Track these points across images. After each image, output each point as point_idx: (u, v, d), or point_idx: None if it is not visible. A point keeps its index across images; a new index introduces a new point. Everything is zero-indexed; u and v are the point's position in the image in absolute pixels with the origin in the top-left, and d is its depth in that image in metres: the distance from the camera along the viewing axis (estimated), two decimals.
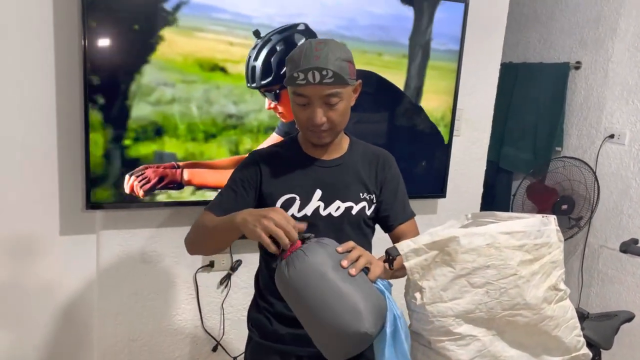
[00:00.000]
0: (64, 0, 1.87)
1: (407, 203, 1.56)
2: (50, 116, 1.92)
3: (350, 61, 1.34)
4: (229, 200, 1.41)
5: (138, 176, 1.99)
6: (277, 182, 1.42)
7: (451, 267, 1.21)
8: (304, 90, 1.30)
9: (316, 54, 1.27)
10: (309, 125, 1.35)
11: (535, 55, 3.50)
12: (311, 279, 1.12)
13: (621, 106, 2.97)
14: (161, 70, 1.96)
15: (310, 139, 1.41)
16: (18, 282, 1.99)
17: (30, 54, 1.86)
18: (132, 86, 1.93)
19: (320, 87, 1.28)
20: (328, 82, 1.27)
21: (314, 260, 1.13)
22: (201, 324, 2.31)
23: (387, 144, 2.41)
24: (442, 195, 2.62)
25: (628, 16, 2.93)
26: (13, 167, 1.91)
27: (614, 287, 3.02)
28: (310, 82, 1.27)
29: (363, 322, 1.09)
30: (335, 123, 1.35)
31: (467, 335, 1.22)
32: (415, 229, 1.54)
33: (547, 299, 1.25)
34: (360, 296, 1.12)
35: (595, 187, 3.01)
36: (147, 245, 2.16)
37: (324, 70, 1.25)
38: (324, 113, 1.33)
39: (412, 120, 2.45)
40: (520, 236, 1.23)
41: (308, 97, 1.31)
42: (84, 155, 1.93)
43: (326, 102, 1.32)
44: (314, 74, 1.25)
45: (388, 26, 2.28)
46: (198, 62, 2.01)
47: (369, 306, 1.12)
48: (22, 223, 1.96)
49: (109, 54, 1.89)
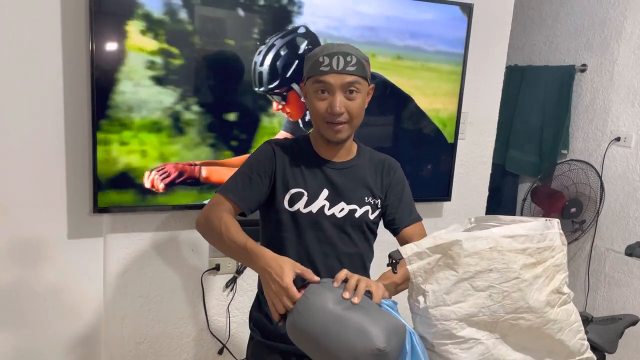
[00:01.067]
0: (71, 5, 1.89)
1: (414, 207, 1.58)
2: (57, 120, 1.94)
3: (367, 61, 1.40)
4: (245, 188, 1.41)
5: (159, 170, 2.03)
6: (289, 174, 1.44)
7: (454, 270, 1.22)
8: (327, 77, 1.33)
9: (339, 46, 1.35)
10: (328, 116, 1.36)
11: (541, 58, 3.50)
12: (315, 317, 1.12)
13: (627, 109, 2.97)
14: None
15: (326, 133, 1.40)
16: (26, 285, 2.01)
17: (38, 58, 1.88)
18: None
19: (343, 75, 1.33)
20: (351, 70, 1.32)
21: (315, 300, 1.13)
22: (207, 327, 2.32)
23: (392, 147, 2.42)
24: (447, 199, 2.62)
25: (634, 19, 2.92)
26: (21, 172, 1.93)
27: (621, 291, 3.01)
28: (334, 69, 1.32)
29: (372, 339, 1.08)
30: (352, 115, 1.37)
31: (470, 339, 1.23)
32: (423, 232, 1.55)
33: (550, 303, 1.25)
34: (365, 318, 1.11)
35: (600, 190, 3.00)
36: (153, 249, 2.17)
37: (348, 56, 1.31)
38: (344, 103, 1.35)
39: (417, 123, 2.46)
40: (523, 240, 1.23)
41: (330, 85, 1.34)
42: (91, 159, 1.94)
43: (347, 91, 1.35)
44: (339, 59, 1.31)
45: (377, 27, 2.30)
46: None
47: (376, 324, 1.11)
48: (30, 227, 1.98)
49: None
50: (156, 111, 1.99)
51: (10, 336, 2.02)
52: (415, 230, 1.53)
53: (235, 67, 2.10)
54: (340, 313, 1.11)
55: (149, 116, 1.99)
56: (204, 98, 2.07)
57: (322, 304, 1.12)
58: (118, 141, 1.96)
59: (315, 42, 2.16)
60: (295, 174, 1.44)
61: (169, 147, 2.04)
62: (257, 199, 1.42)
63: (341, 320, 1.11)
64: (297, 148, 1.48)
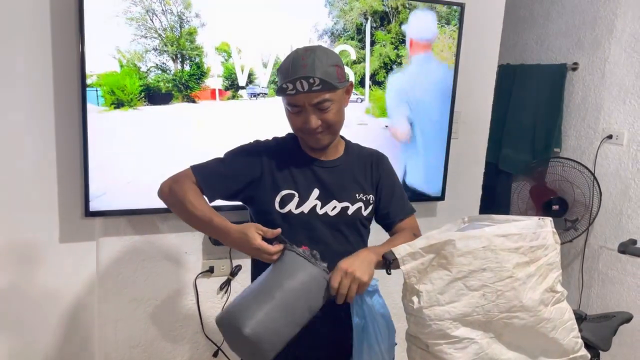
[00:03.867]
0: (60, 8, 1.88)
1: (406, 199, 1.58)
2: (49, 124, 1.93)
3: (338, 65, 1.37)
4: (215, 177, 1.43)
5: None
6: (278, 176, 1.44)
7: (448, 270, 1.22)
8: (295, 99, 1.33)
9: (303, 62, 1.32)
10: (305, 131, 1.39)
11: (533, 57, 3.51)
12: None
13: (619, 107, 2.98)
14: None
15: (308, 143, 1.44)
16: (18, 289, 1.99)
17: (28, 61, 1.87)
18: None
19: (310, 95, 1.32)
20: (317, 90, 1.31)
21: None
22: (202, 330, 2.31)
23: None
24: (441, 198, 2.62)
25: (624, 17, 2.93)
26: (12, 175, 1.91)
27: (615, 288, 3.02)
28: (300, 90, 1.30)
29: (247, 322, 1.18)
30: (330, 124, 1.38)
31: (465, 338, 1.23)
32: (416, 225, 1.56)
33: (543, 301, 1.25)
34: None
35: (594, 189, 3.01)
36: (146, 252, 2.16)
37: (310, 78, 1.29)
38: (318, 117, 1.36)
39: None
40: (515, 239, 1.24)
41: (300, 106, 1.34)
42: (83, 163, 1.93)
43: (318, 108, 1.35)
44: (302, 83, 1.29)
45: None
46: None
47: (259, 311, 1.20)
48: (22, 231, 1.97)
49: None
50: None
51: (3, 340, 2.00)
52: (408, 224, 1.55)
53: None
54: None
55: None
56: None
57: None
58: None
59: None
60: (284, 175, 1.44)
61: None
62: (222, 193, 1.44)
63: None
64: (286, 148, 1.49)
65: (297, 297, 1.22)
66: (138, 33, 1.93)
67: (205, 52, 2.04)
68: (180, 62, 2.02)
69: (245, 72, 2.12)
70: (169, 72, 2.00)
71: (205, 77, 2.06)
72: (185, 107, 2.05)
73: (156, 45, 1.96)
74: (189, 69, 2.04)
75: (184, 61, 2.02)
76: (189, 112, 2.05)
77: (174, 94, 2.03)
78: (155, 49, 1.96)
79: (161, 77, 1.99)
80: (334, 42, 2.25)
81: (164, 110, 2.02)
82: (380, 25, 2.32)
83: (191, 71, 2.04)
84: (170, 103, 2.02)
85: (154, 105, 2.00)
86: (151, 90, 1.99)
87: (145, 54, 1.95)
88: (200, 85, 2.06)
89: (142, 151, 2.01)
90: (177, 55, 2.00)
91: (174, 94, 2.03)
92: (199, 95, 2.07)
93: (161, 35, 1.96)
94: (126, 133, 1.98)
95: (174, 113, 2.03)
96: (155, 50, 1.96)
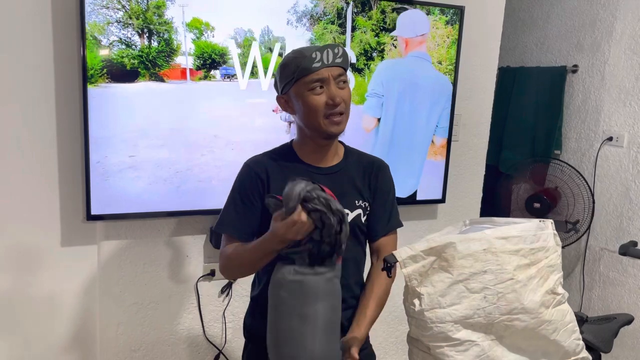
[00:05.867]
0: (62, 8, 1.88)
1: (395, 214, 1.55)
2: (50, 127, 1.93)
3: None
4: (240, 223, 1.43)
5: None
6: (277, 188, 1.41)
7: (449, 272, 1.22)
8: (320, 73, 1.34)
9: (320, 44, 1.37)
10: (327, 109, 1.36)
11: (532, 59, 3.51)
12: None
13: (619, 108, 2.98)
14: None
15: (327, 129, 1.38)
16: (20, 293, 2.00)
17: (29, 63, 1.87)
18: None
19: (333, 68, 1.35)
20: (339, 62, 1.36)
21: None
22: (203, 333, 2.31)
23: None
24: (441, 201, 2.62)
25: (623, 19, 2.94)
26: (14, 179, 1.92)
27: (616, 290, 3.02)
28: (325, 63, 1.34)
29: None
30: (347, 105, 1.40)
31: (466, 341, 1.23)
32: (394, 244, 1.55)
33: (544, 303, 1.25)
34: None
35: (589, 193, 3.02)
36: (147, 255, 2.16)
37: (336, 48, 1.34)
38: (339, 94, 1.37)
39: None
40: (516, 241, 1.24)
41: (324, 80, 1.35)
42: (84, 167, 1.94)
43: (339, 84, 1.37)
44: (328, 52, 1.33)
45: None
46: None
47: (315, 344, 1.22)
48: (24, 235, 1.97)
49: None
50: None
51: (5, 344, 2.00)
52: (388, 242, 1.53)
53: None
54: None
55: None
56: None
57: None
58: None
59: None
60: (284, 185, 1.43)
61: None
62: (252, 223, 1.43)
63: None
64: (280, 159, 1.46)
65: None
66: (98, 3, 1.83)
67: (175, 28, 1.95)
68: (147, 37, 1.92)
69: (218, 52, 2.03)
70: (135, 48, 1.91)
71: (175, 55, 1.97)
72: (153, 86, 1.95)
73: (119, 17, 1.87)
74: (157, 45, 1.93)
75: (152, 36, 1.93)
76: (157, 91, 1.96)
77: (141, 72, 1.93)
78: (118, 22, 1.87)
79: (125, 52, 1.90)
80: (313, 25, 2.17)
81: (128, 88, 1.92)
82: (362, 11, 2.26)
83: (159, 47, 1.93)
84: (136, 81, 1.93)
85: (117, 83, 1.90)
86: (114, 67, 1.89)
87: (107, 26, 1.86)
88: (169, 64, 1.97)
89: (110, 134, 1.93)
90: (143, 29, 1.91)
91: (141, 72, 1.93)
92: (168, 74, 1.98)
93: (125, 6, 1.87)
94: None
95: (140, 92, 1.92)
96: (118, 22, 1.87)
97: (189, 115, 2.04)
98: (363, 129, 2.39)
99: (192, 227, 2.20)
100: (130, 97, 1.94)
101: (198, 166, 2.09)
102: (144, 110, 1.98)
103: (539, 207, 3.06)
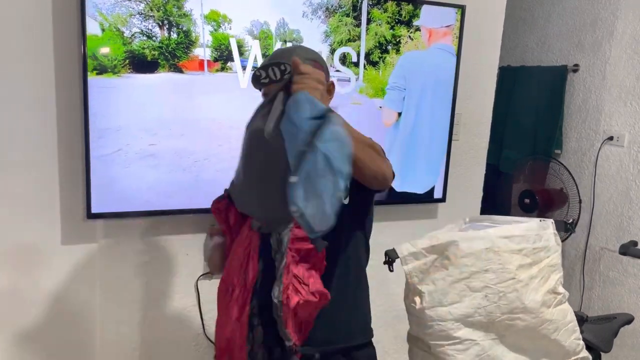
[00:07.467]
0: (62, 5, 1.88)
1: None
2: (50, 125, 1.93)
3: (316, 61, 1.36)
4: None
5: None
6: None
7: (450, 271, 1.22)
8: (268, 89, 1.31)
9: (279, 53, 1.35)
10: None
11: (533, 59, 3.51)
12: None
13: (619, 108, 2.98)
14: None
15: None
16: (20, 291, 1.99)
17: (30, 61, 1.87)
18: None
19: (282, 85, 1.26)
20: (288, 78, 1.24)
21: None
22: (203, 332, 2.31)
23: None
24: (442, 200, 2.62)
25: (625, 19, 2.94)
26: (14, 177, 1.92)
27: (616, 290, 3.02)
28: (272, 79, 1.25)
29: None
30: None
31: (467, 340, 1.23)
32: None
33: (545, 303, 1.26)
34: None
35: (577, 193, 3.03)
36: (147, 254, 2.16)
37: (282, 65, 1.23)
38: None
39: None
40: (519, 240, 1.24)
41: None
42: (85, 165, 1.94)
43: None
44: (274, 70, 1.24)
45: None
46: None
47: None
48: (24, 233, 1.97)
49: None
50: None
51: (3, 342, 2.00)
52: None
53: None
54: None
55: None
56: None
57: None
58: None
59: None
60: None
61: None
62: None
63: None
64: None
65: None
66: None
67: (194, 20, 1.98)
68: (167, 29, 1.96)
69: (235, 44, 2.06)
70: (155, 39, 1.94)
71: (193, 47, 2.00)
72: (172, 77, 1.99)
73: (141, 9, 1.90)
74: (176, 37, 1.98)
75: (171, 28, 1.96)
76: (176, 82, 2.00)
77: (160, 62, 1.97)
78: (140, 14, 1.90)
79: (146, 43, 1.94)
80: (329, 17, 2.19)
81: (149, 79, 1.96)
82: (377, 3, 2.26)
83: (178, 39, 1.98)
84: (156, 72, 1.96)
85: (138, 73, 1.94)
86: (136, 58, 1.92)
87: (129, 18, 1.89)
88: (188, 55, 2.00)
89: (129, 123, 1.96)
90: (163, 21, 1.94)
91: (160, 62, 1.97)
92: (186, 65, 2.01)
93: None
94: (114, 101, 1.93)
95: (160, 83, 1.97)
96: (140, 14, 1.91)
97: (205, 105, 2.06)
98: (382, 123, 2.38)
99: (193, 226, 2.20)
100: (150, 87, 1.98)
101: (215, 155, 2.10)
102: (162, 100, 2.01)
103: (529, 203, 3.08)
